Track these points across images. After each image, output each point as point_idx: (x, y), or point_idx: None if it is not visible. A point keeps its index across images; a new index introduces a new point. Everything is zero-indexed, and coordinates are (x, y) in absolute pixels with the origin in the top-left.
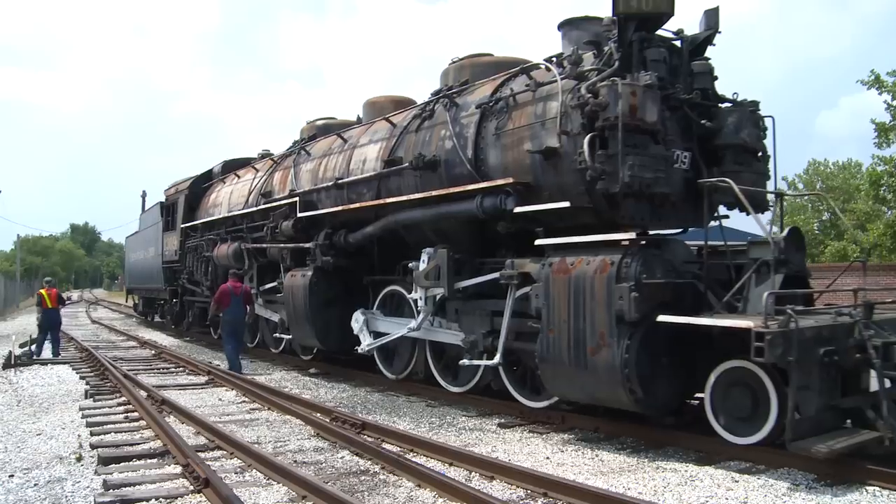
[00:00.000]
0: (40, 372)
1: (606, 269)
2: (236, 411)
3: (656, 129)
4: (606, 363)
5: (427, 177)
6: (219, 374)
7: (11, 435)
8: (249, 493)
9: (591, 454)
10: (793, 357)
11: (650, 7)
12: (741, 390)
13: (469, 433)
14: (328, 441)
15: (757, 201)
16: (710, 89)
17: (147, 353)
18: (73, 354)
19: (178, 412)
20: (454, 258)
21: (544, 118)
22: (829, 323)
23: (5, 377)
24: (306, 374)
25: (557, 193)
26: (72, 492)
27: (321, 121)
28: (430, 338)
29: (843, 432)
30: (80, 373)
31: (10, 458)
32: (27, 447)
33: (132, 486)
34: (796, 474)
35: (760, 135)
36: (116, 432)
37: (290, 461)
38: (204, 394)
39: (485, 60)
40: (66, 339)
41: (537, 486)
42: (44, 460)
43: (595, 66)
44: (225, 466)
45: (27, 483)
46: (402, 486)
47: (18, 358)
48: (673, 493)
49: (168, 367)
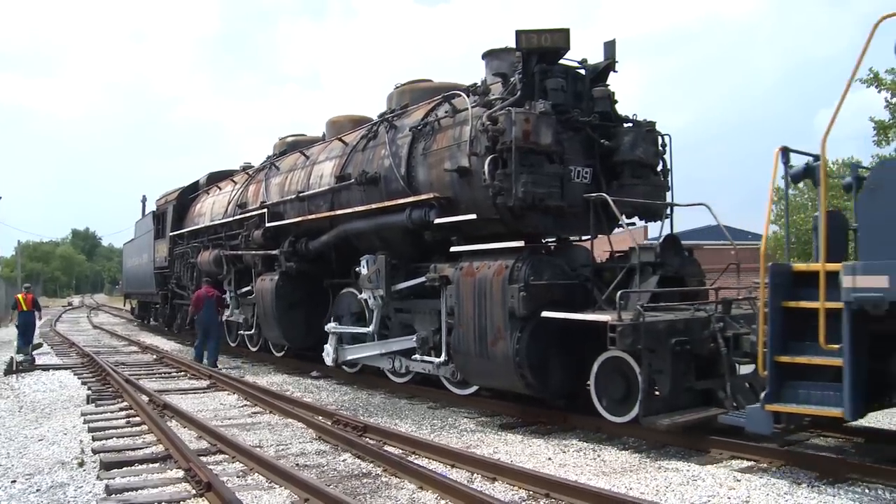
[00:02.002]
0: (42, 377)
1: (502, 272)
2: (238, 415)
3: (551, 150)
4: (503, 353)
5: (370, 191)
6: (220, 379)
7: (13, 440)
8: (252, 497)
9: (592, 455)
10: (641, 346)
11: (549, 43)
12: (618, 376)
13: (471, 435)
14: (330, 444)
15: (652, 210)
16: (610, 112)
17: (148, 358)
18: (74, 360)
19: (179, 416)
20: (391, 263)
21: (460, 141)
22: (685, 317)
23: (7, 383)
24: (308, 378)
25: (471, 206)
26: (74, 497)
27: (290, 138)
28: (385, 350)
29: (696, 410)
30: (81, 378)
31: (13, 464)
32: (29, 453)
33: (134, 491)
34: (798, 473)
35: (657, 151)
36: (118, 437)
37: (293, 464)
38: (205, 398)
39: (423, 86)
40: (68, 344)
41: (539, 486)
42: (46, 466)
43: (502, 95)
44: (227, 470)
45: (30, 488)
46: (405, 488)
47: (20, 364)
48: (675, 492)
49: (169, 372)
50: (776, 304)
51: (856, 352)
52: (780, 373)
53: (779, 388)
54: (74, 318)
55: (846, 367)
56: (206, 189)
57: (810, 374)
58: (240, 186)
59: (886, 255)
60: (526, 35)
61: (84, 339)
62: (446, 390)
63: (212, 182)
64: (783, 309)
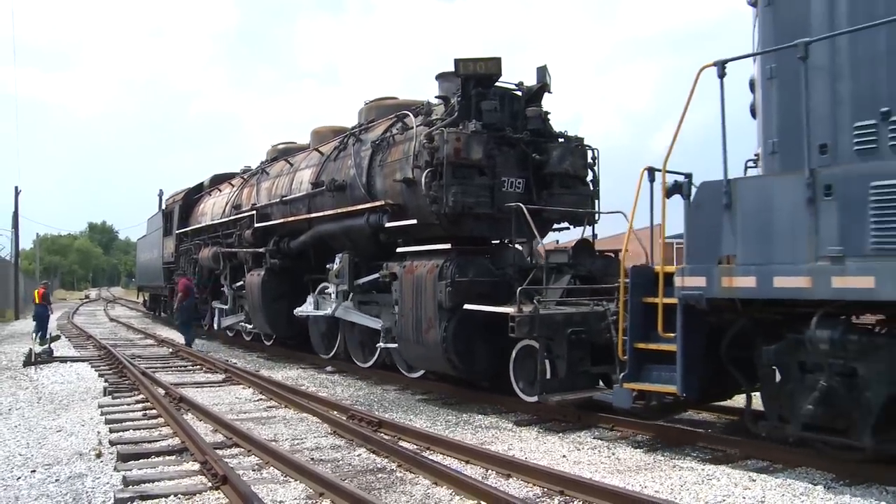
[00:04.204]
0: (60, 369)
1: (433, 270)
2: (253, 409)
3: (481, 164)
4: (434, 340)
5: (339, 197)
6: (236, 373)
7: (33, 431)
8: (267, 490)
9: (607, 452)
10: (538, 334)
11: (484, 70)
12: (531, 361)
13: (485, 431)
14: (345, 439)
15: (579, 217)
16: (542, 129)
17: (164, 351)
18: (91, 352)
19: (195, 410)
20: (355, 261)
21: (408, 155)
22: (584, 311)
23: (26, 374)
24: (322, 373)
25: (416, 212)
26: (92, 487)
27: (281, 145)
28: (346, 318)
29: (586, 390)
30: (98, 370)
31: (32, 454)
32: (48, 443)
33: (151, 483)
34: (814, 473)
35: (585, 164)
36: (135, 429)
37: (308, 459)
38: (221, 392)
39: (387, 103)
40: (85, 337)
41: (554, 484)
42: (64, 456)
43: (442, 116)
44: (242, 464)
45: (49, 478)
46: (419, 483)
47: (38, 356)
48: (690, 491)
49: (185, 365)
50: (635, 300)
51: (687, 339)
52: (640, 357)
53: (638, 370)
54: (91, 311)
55: (679, 351)
56: (209, 190)
57: (661, 358)
58: (236, 189)
59: (704, 260)
60: (464, 63)
61: (101, 331)
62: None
63: (214, 184)
64: (642, 304)
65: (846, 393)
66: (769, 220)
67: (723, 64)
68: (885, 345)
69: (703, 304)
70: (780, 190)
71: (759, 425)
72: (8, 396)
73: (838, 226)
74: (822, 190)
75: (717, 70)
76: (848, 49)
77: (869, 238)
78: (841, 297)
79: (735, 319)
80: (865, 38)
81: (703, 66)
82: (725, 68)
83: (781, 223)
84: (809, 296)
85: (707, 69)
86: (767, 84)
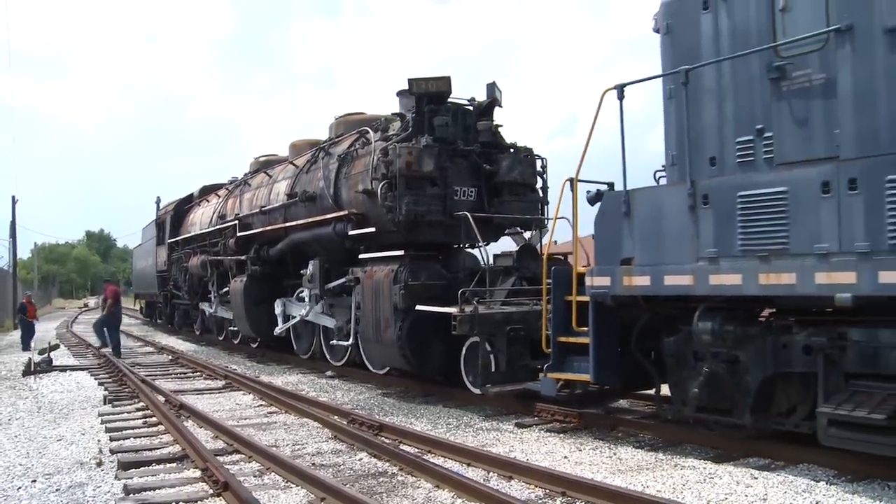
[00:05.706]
0: (59, 378)
1: (389, 275)
2: (254, 415)
3: (432, 175)
4: (390, 339)
5: (310, 207)
6: (236, 379)
7: (33, 441)
8: (269, 496)
9: (608, 453)
10: (478, 332)
11: (436, 89)
12: (477, 357)
13: (486, 433)
14: (346, 443)
15: (530, 223)
16: (493, 141)
17: (164, 359)
18: (91, 361)
19: (196, 416)
20: (326, 267)
21: (368, 168)
22: (524, 310)
23: (25, 384)
24: (323, 377)
25: (376, 221)
26: (93, 496)
27: (263, 158)
28: (316, 321)
29: (523, 382)
30: (98, 379)
31: (32, 464)
32: (48, 452)
33: (152, 491)
34: (816, 470)
35: (534, 172)
36: (135, 437)
37: (309, 464)
38: (221, 398)
39: (355, 118)
40: (84, 345)
41: (556, 485)
42: (65, 465)
43: (398, 131)
44: (244, 470)
45: (49, 488)
46: (421, 486)
47: (38, 365)
48: (692, 490)
49: (185, 372)
50: (557, 298)
51: (599, 333)
52: (562, 349)
53: (561, 362)
54: (90, 320)
55: (591, 343)
56: (199, 201)
57: (580, 350)
58: (222, 200)
59: (609, 262)
60: (417, 82)
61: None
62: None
63: (203, 195)
64: (564, 302)
65: (729, 378)
66: (660, 225)
67: (621, 87)
68: (758, 334)
69: (608, 300)
70: (669, 199)
71: (665, 409)
72: (8, 406)
73: (713, 230)
74: (701, 199)
75: (617, 93)
76: (730, 73)
77: (737, 241)
78: (717, 292)
79: (641, 315)
80: (741, 64)
81: (606, 90)
82: (624, 91)
83: (670, 228)
84: (692, 292)
85: (609, 92)
86: (668, 103)
